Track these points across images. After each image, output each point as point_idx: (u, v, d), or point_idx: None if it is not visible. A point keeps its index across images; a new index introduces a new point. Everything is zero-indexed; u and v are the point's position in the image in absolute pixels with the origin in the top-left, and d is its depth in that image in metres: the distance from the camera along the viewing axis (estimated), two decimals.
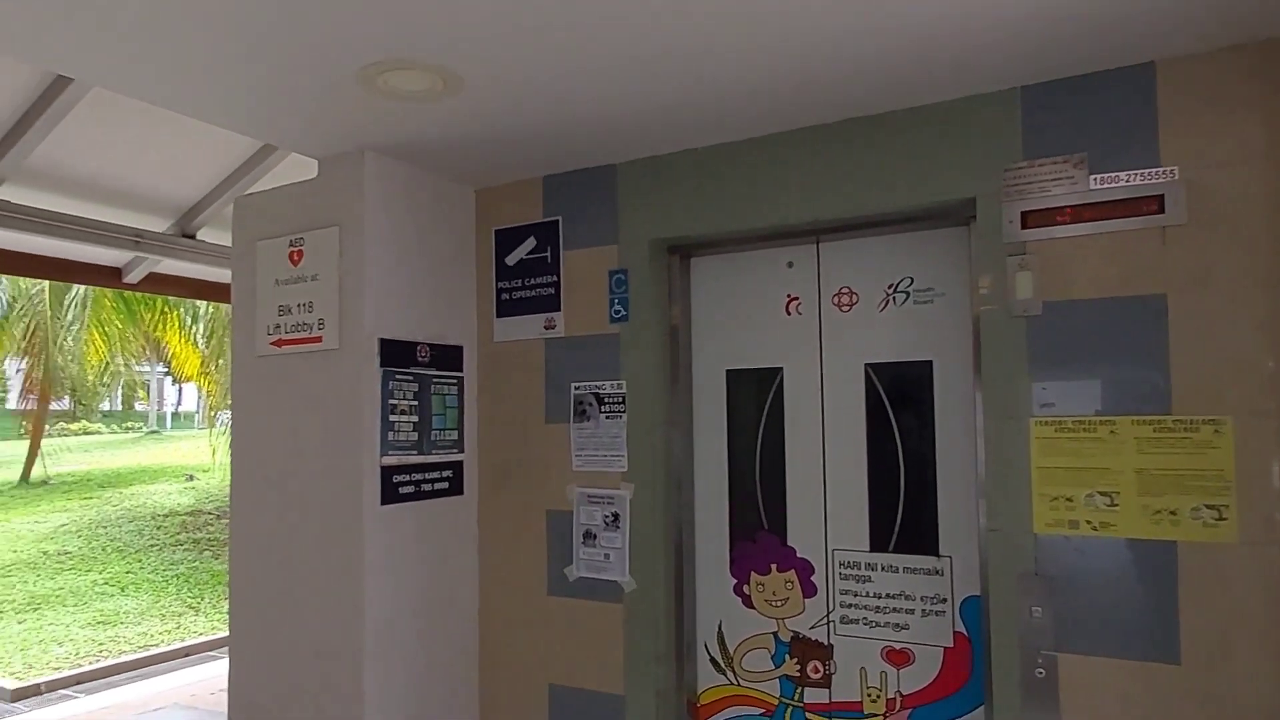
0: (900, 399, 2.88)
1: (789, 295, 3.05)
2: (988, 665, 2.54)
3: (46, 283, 14.07)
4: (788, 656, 3.00)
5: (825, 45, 2.26)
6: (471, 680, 3.40)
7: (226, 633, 8.43)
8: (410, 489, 3.14)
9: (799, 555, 2.99)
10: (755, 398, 3.10)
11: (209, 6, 2.11)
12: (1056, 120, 2.47)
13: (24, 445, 18.16)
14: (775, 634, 3.02)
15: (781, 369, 3.05)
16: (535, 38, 2.23)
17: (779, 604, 3.02)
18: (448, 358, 3.31)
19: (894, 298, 2.89)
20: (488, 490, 3.41)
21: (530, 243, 3.33)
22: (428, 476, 3.22)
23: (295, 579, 3.14)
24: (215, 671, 7.07)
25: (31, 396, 16.84)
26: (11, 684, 7.36)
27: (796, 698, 2.98)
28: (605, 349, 3.15)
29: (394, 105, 2.65)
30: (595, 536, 3.15)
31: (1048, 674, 2.42)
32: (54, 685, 7.48)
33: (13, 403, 23.03)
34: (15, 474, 16.75)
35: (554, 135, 2.90)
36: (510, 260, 3.38)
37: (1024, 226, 2.48)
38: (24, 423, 19.94)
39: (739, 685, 3.08)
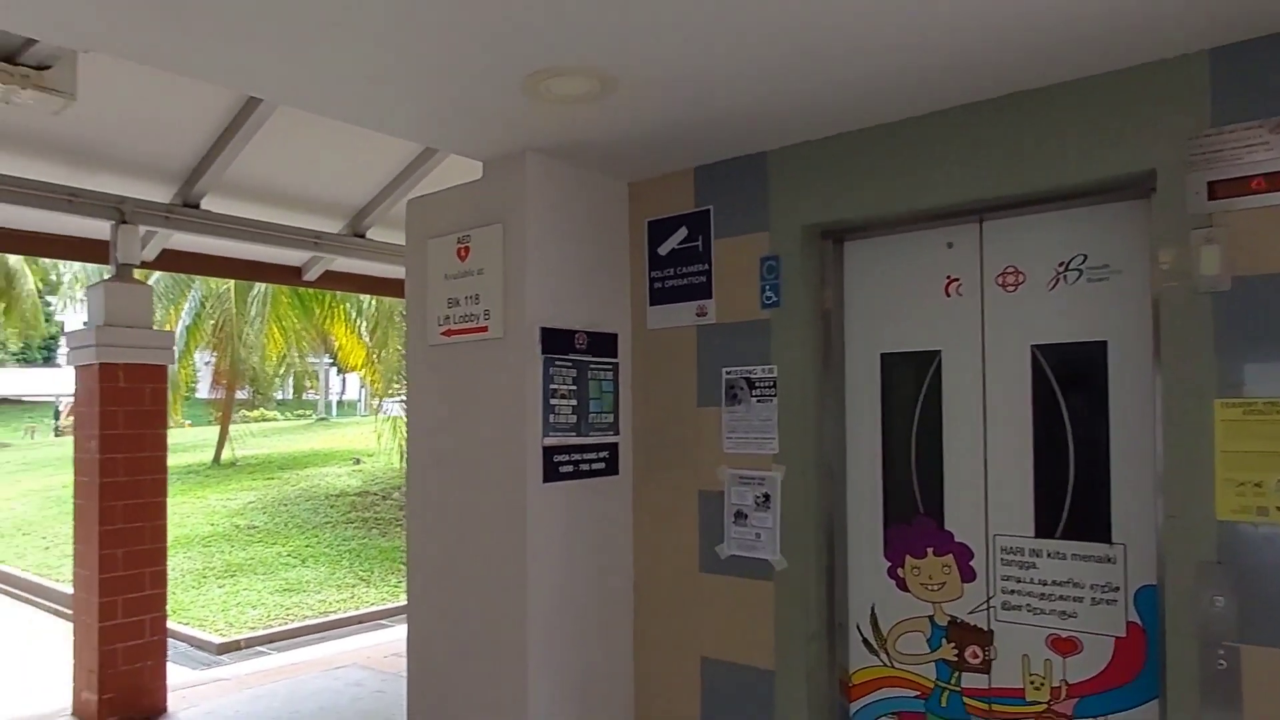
0: (1070, 381, 2.70)
1: (948, 276, 2.91)
2: (1163, 656, 2.36)
3: (232, 282, 15.13)
4: (944, 640, 2.88)
5: (995, 19, 2.14)
6: (626, 648, 3.44)
7: (395, 603, 8.82)
8: (569, 468, 3.20)
9: (957, 540, 2.86)
10: (911, 381, 2.99)
11: (386, 31, 2.22)
12: (1249, 83, 2.25)
13: (214, 431, 19.65)
14: (931, 618, 2.91)
15: (940, 352, 2.92)
16: (687, 35, 2.22)
17: (935, 588, 2.90)
18: (604, 345, 3.34)
19: (1065, 276, 2.70)
20: (642, 471, 3.43)
21: (682, 232, 3.32)
22: (585, 457, 3.27)
23: (464, 550, 3.27)
24: (386, 637, 7.44)
25: (220, 387, 18.20)
26: (217, 639, 8.01)
27: (953, 682, 2.86)
28: (756, 334, 3.10)
29: (553, 108, 2.70)
30: (746, 516, 3.12)
31: (1229, 666, 2.23)
32: (251, 642, 8.07)
33: (203, 392, 24.99)
34: (208, 456, 18.09)
35: (705, 127, 2.88)
36: (663, 250, 3.38)
37: (1211, 198, 2.28)
38: (213, 410, 21.61)
39: (892, 667, 2.99)
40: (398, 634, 7.01)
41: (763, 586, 3.09)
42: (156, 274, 12.64)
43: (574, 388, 3.23)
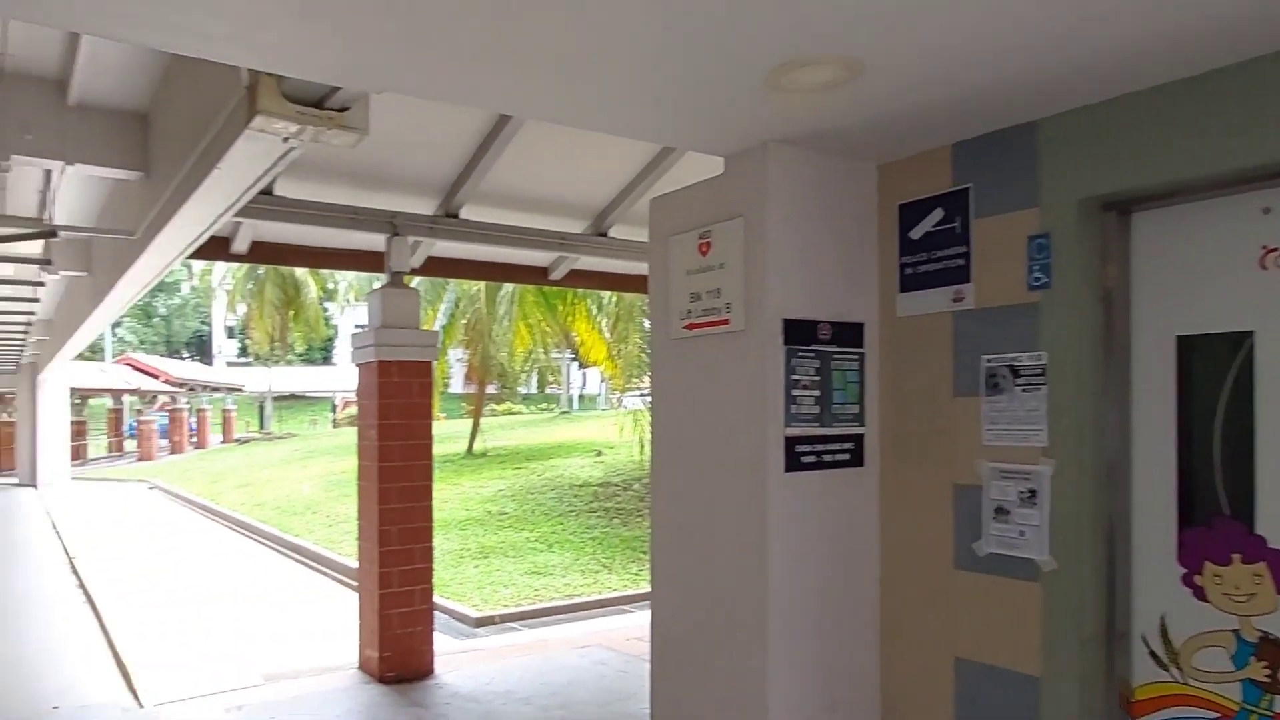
0: None
1: (1264, 247, 2.51)
2: None
3: (483, 283, 16.33)
4: (1253, 658, 2.53)
5: None
6: (872, 645, 3.33)
7: (637, 589, 9.12)
8: (812, 458, 3.14)
9: (1270, 546, 2.50)
10: (1216, 366, 2.63)
11: (635, 49, 2.30)
12: None
13: (466, 423, 21.33)
14: (1237, 632, 2.56)
15: (1252, 333, 2.54)
16: (939, 10, 2.08)
17: (1243, 599, 2.55)
18: (848, 334, 3.25)
19: None
20: (889, 462, 3.30)
21: (937, 214, 3.14)
22: (829, 448, 3.20)
23: (705, 539, 3.30)
24: (628, 622, 7.71)
25: (472, 382, 19.74)
26: (474, 613, 8.71)
27: (1263, 705, 2.51)
28: (1022, 319, 2.87)
29: (796, 98, 2.65)
30: (1008, 512, 2.91)
31: None
32: (504, 618, 8.70)
33: (456, 387, 27.22)
34: (462, 447, 19.65)
35: (964, 101, 2.70)
36: (915, 234, 3.22)
37: None
38: (465, 404, 23.47)
39: (1186, 684, 2.66)
40: (639, 619, 7.24)
41: (1027, 587, 2.86)
42: (417, 279, 13.91)
43: (817, 378, 3.16)
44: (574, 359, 26.13)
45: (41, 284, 9.09)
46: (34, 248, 6.87)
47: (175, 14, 2.13)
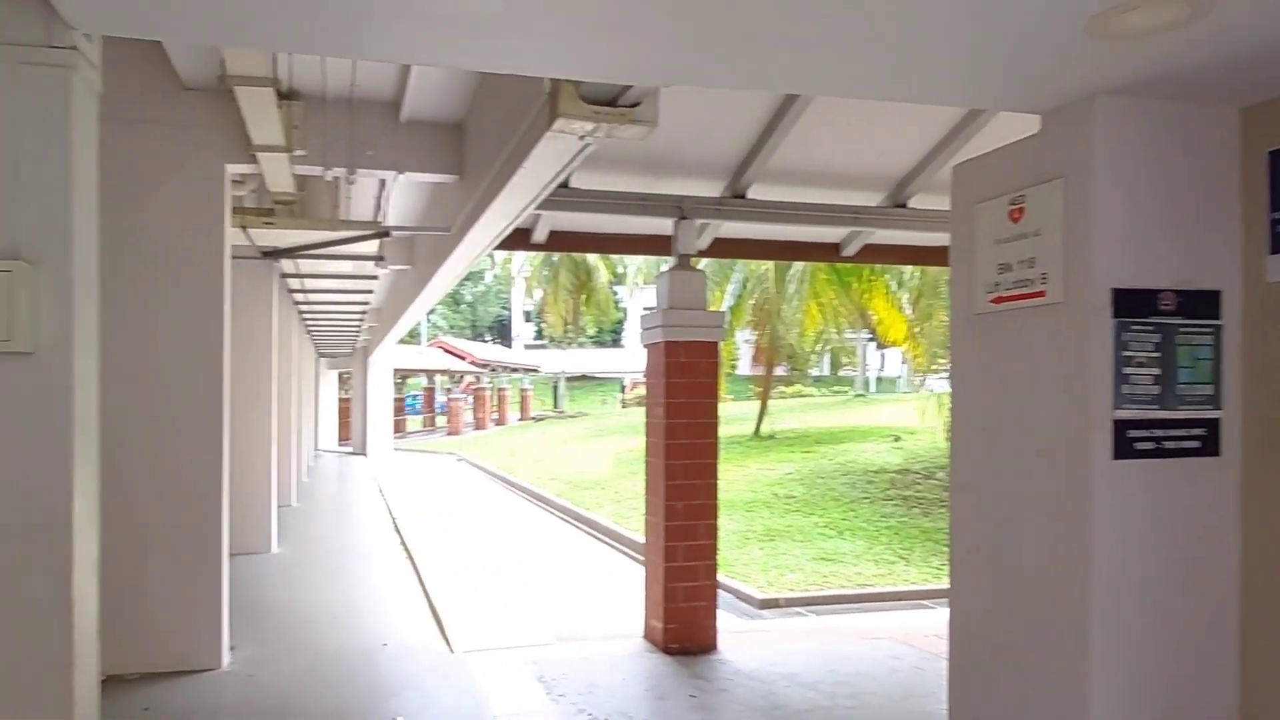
0: None
1: None
2: None
3: (771, 263, 16.51)
4: None
5: None
6: (1229, 672, 2.98)
7: (936, 584, 8.89)
8: (1148, 445, 2.89)
9: None
10: None
11: (935, 12, 2.24)
12: None
13: (753, 405, 21.72)
14: None
15: None
16: None
17: None
18: (1199, 304, 2.94)
19: None
20: (1257, 453, 2.94)
21: None
22: (1171, 434, 2.92)
23: (1015, 534, 3.15)
24: (926, 618, 7.49)
25: (759, 363, 20.05)
26: (759, 594, 8.96)
27: None
28: None
29: (1128, 44, 2.45)
30: None
31: None
32: (789, 602, 8.85)
33: (743, 369, 27.75)
34: (748, 429, 20.07)
35: None
36: None
37: None
38: (752, 385, 23.88)
39: None
40: (938, 616, 7.04)
41: None
42: (704, 260, 14.41)
43: (1156, 354, 2.89)
44: (871, 339, 25.57)
45: (375, 277, 10.66)
46: (370, 246, 8.10)
47: (499, 42, 2.49)
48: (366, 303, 13.79)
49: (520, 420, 40.55)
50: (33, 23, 2.30)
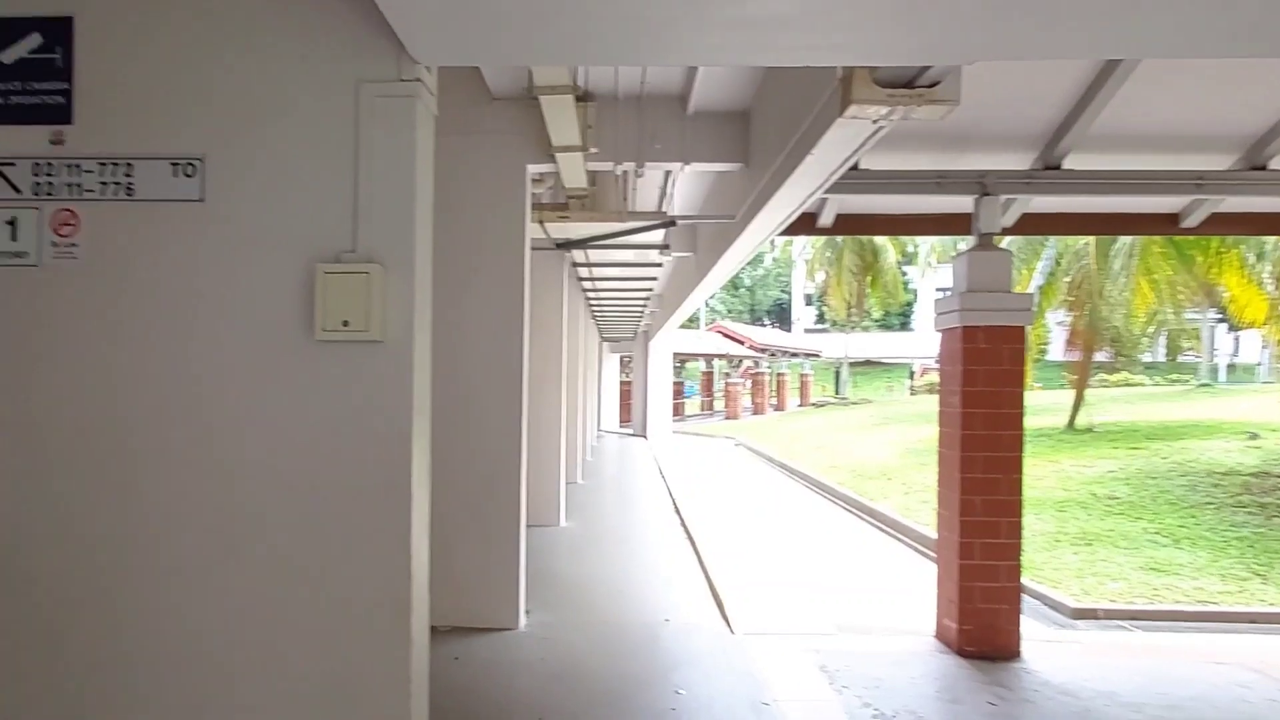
0: None
1: None
2: None
3: (1091, 238, 15.22)
4: None
5: None
6: None
7: None
8: None
9: None
10: None
11: None
12: None
13: (1067, 394, 20.14)
14: None
15: None
16: None
17: None
18: None
19: None
20: None
21: None
22: None
23: None
24: None
25: (1075, 348, 18.54)
26: (1072, 602, 8.37)
27: None
28: None
29: None
30: None
31: None
32: (1109, 614, 8.19)
33: (1055, 354, 25.77)
34: (1061, 420, 18.62)
35: None
36: None
37: None
38: (1066, 373, 22.14)
39: None
40: None
41: None
42: (1008, 238, 13.63)
43: None
44: (1221, 319, 22.76)
45: (659, 264, 11.21)
46: (654, 235, 8.56)
47: (796, 38, 2.60)
48: (650, 289, 14.51)
49: (800, 406, 40.54)
50: (387, 61, 2.76)
